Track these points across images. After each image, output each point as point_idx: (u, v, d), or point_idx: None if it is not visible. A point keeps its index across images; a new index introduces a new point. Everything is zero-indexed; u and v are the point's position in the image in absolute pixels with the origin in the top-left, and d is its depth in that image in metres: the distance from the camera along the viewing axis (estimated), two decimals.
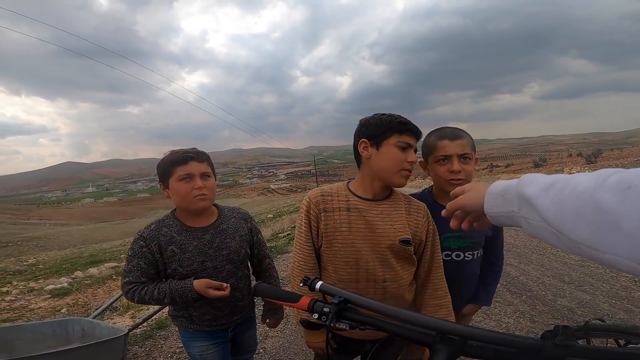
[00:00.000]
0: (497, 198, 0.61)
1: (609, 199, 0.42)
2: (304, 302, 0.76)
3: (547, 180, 0.54)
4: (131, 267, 1.33)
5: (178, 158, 1.34)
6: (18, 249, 22.32)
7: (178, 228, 1.37)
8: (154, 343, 3.19)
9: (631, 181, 0.41)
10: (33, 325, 1.67)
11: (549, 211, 0.50)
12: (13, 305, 4.88)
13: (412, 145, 1.20)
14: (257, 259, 1.58)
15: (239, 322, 1.51)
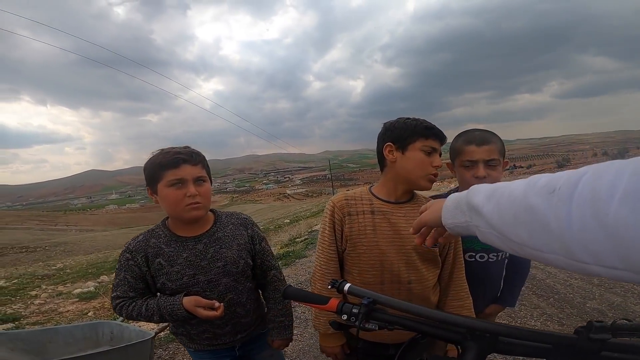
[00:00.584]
0: (451, 210, 0.65)
1: (537, 202, 0.45)
2: (333, 303, 0.77)
3: (490, 188, 0.57)
4: (118, 281, 1.21)
5: (168, 160, 1.15)
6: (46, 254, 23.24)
7: (167, 238, 1.22)
8: (177, 346, 3.24)
9: (555, 185, 0.44)
10: (65, 329, 1.72)
11: (493, 218, 0.53)
12: (42, 308, 5.06)
13: (437, 149, 1.21)
14: (261, 270, 1.37)
15: (247, 340, 1.35)
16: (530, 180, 0.50)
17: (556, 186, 0.44)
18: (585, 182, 0.40)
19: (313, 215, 21.30)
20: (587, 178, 0.41)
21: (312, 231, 11.28)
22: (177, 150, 1.20)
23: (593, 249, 0.38)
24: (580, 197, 0.40)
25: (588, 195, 0.39)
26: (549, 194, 0.44)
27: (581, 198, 0.40)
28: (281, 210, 43.55)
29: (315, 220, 15.58)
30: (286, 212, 34.46)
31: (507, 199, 0.51)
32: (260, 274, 1.38)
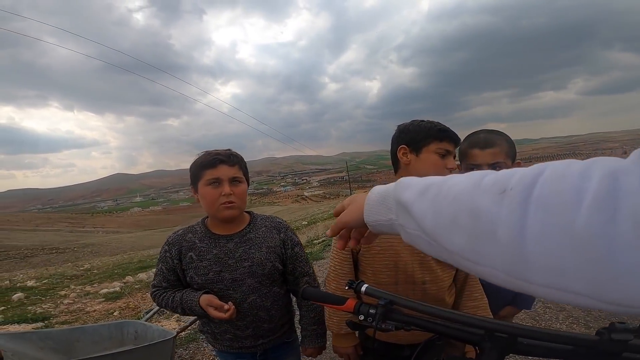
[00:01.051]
0: (375, 205, 0.57)
1: (483, 204, 0.38)
2: (350, 304, 0.78)
3: (424, 182, 0.49)
4: (157, 271, 1.31)
5: (207, 161, 1.23)
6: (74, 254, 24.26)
7: (202, 234, 1.28)
8: (197, 346, 3.31)
9: (505, 184, 0.37)
10: (93, 328, 1.79)
11: (425, 218, 0.46)
12: (71, 308, 5.26)
13: (451, 152, 1.21)
14: (293, 276, 1.35)
15: (268, 347, 1.33)
16: (473, 176, 0.43)
17: (507, 186, 0.37)
18: (544, 182, 0.34)
19: (330, 217, 21.27)
20: (546, 178, 0.35)
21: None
22: (217, 151, 1.27)
23: (553, 264, 0.32)
24: (539, 201, 0.34)
25: (549, 199, 0.33)
26: (498, 194, 0.37)
27: (540, 201, 0.34)
28: (299, 212, 43.74)
29: (333, 222, 15.51)
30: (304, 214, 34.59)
31: (444, 198, 0.44)
32: (293, 280, 1.36)
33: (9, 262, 21.99)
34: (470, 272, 0.42)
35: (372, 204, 0.58)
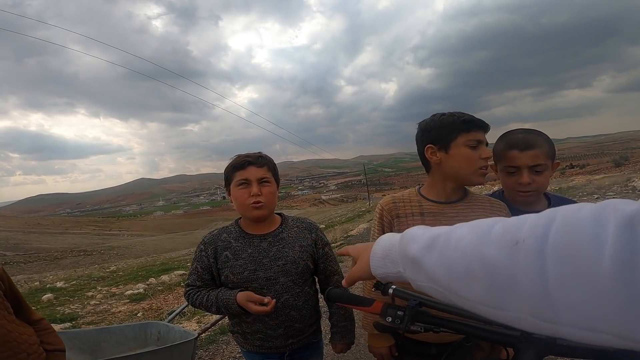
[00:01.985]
0: (380, 260, 0.59)
1: (497, 256, 0.40)
2: (377, 306, 0.77)
3: (429, 235, 0.51)
4: (191, 271, 1.35)
5: (238, 163, 1.29)
6: (101, 257, 25.18)
7: (236, 234, 1.33)
8: (216, 347, 3.35)
9: (516, 235, 0.39)
10: (118, 328, 1.84)
11: (437, 272, 0.47)
12: (97, 309, 5.44)
13: (482, 141, 1.15)
14: (324, 275, 1.39)
15: (297, 347, 1.34)
16: (479, 227, 0.45)
17: (519, 237, 0.38)
18: (557, 233, 0.35)
19: (348, 220, 21.19)
20: (557, 228, 0.36)
21: (348, 236, 11.22)
22: (248, 154, 1.33)
23: (581, 311, 0.33)
24: (557, 253, 0.35)
25: (566, 251, 0.34)
26: (511, 246, 0.39)
27: (558, 253, 0.34)
28: (317, 216, 43.73)
29: (351, 225, 15.48)
30: (322, 217, 34.54)
31: (453, 251, 0.45)
32: (323, 279, 1.41)
33: (40, 264, 23.05)
34: (499, 319, 0.42)
35: (378, 258, 0.60)
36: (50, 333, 1.26)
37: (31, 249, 31.29)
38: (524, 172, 1.22)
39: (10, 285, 1.20)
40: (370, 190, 65.66)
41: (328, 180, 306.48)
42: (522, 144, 1.23)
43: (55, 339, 1.26)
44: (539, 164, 1.22)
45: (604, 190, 10.70)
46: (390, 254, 0.58)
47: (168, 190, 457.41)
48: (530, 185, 1.21)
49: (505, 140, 1.29)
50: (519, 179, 1.23)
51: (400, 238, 0.56)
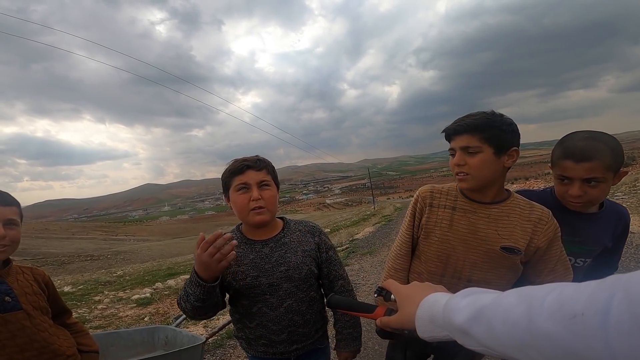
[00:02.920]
0: (427, 325, 0.60)
1: (554, 329, 0.39)
2: (380, 312, 0.75)
3: (473, 308, 0.51)
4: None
5: (236, 167, 1.24)
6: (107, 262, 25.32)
7: (238, 240, 1.28)
8: (223, 352, 3.33)
9: (573, 309, 0.38)
10: (127, 332, 1.83)
11: (488, 340, 0.48)
12: (104, 313, 5.45)
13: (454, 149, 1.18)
14: (328, 279, 1.35)
15: (302, 353, 1.31)
16: (526, 298, 0.44)
17: (576, 311, 0.37)
18: (620, 307, 0.34)
19: (354, 224, 21.10)
20: (620, 303, 0.34)
21: (354, 240, 11.16)
22: (245, 158, 1.29)
23: None
24: (620, 326, 0.34)
25: (633, 326, 0.33)
26: (568, 319, 0.38)
27: (621, 327, 0.33)
28: (321, 220, 43.66)
29: (357, 229, 15.41)
30: (326, 221, 34.50)
31: (503, 324, 0.45)
32: (328, 284, 1.36)
33: (47, 268, 23.24)
34: None
35: (423, 323, 0.61)
36: (85, 335, 1.36)
37: (39, 253, 31.61)
38: (575, 184, 1.15)
39: (54, 290, 1.28)
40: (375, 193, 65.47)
41: (332, 184, 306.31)
42: (579, 154, 1.12)
43: (90, 341, 1.35)
44: (595, 177, 1.11)
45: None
46: (435, 320, 0.58)
47: (173, 196, 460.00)
48: (581, 198, 1.15)
49: (563, 147, 1.19)
50: (569, 190, 1.17)
51: (444, 307, 0.56)
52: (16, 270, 1.21)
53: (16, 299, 1.15)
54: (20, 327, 1.12)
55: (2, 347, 1.09)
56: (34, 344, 1.14)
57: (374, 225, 14.75)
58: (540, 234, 1.13)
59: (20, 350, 1.11)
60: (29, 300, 1.18)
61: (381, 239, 9.88)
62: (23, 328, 1.13)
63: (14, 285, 1.16)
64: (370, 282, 5.30)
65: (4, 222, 1.12)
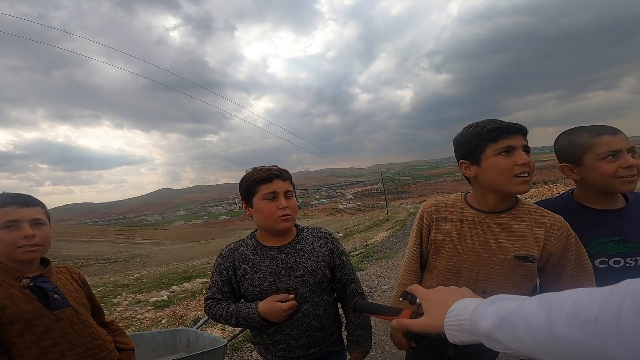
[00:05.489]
0: (455, 330, 0.63)
1: (573, 334, 0.43)
2: (406, 315, 0.76)
3: (497, 315, 0.54)
4: (210, 284, 1.36)
5: (262, 176, 1.29)
6: (125, 264, 25.87)
7: (253, 247, 1.34)
8: (242, 355, 3.35)
9: (588, 314, 0.42)
10: (150, 334, 1.87)
11: (514, 345, 0.51)
12: (123, 315, 5.57)
13: (515, 146, 1.07)
14: (341, 283, 1.40)
15: (320, 356, 1.34)
16: (546, 305, 0.48)
17: (590, 317, 0.42)
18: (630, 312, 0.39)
19: (367, 229, 20.97)
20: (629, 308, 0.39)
21: (368, 245, 11.09)
22: (269, 167, 1.34)
23: None
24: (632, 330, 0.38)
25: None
26: (584, 324, 0.42)
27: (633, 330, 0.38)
28: (334, 225, 43.53)
29: (370, 234, 15.30)
30: (339, 226, 34.37)
31: (525, 330, 0.49)
32: (340, 288, 1.41)
33: None
34: None
35: (452, 329, 0.64)
36: (121, 334, 1.44)
37: (59, 256, 32.55)
38: (626, 155, 1.14)
39: (89, 289, 1.36)
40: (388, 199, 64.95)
41: (345, 189, 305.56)
42: (610, 129, 1.16)
43: (126, 339, 1.42)
44: (633, 147, 1.16)
45: None
46: (462, 326, 0.61)
47: (188, 200, 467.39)
48: (633, 169, 1.14)
49: (586, 131, 1.21)
50: (624, 162, 1.14)
51: (470, 315, 0.60)
52: (56, 270, 1.27)
53: (63, 296, 1.21)
54: (69, 323, 1.18)
55: (54, 345, 1.14)
56: (82, 339, 1.20)
57: (387, 231, 14.63)
58: (554, 239, 1.11)
59: (71, 346, 1.17)
60: (73, 297, 1.24)
61: (395, 244, 9.79)
62: (72, 325, 1.19)
63: (57, 284, 1.22)
64: (385, 287, 5.27)
65: (30, 222, 1.16)
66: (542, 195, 19.49)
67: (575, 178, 1.27)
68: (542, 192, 20.91)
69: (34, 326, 1.11)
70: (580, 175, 1.25)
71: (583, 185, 1.28)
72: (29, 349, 1.11)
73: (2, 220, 1.13)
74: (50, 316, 1.14)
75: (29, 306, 1.12)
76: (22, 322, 1.10)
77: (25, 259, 1.16)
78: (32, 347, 1.11)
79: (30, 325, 1.11)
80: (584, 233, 1.19)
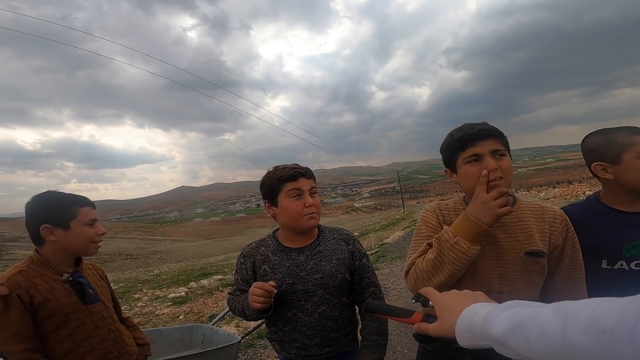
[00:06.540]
0: (466, 334, 0.62)
1: (587, 343, 0.42)
2: (417, 317, 0.75)
3: (511, 320, 0.54)
4: (234, 280, 1.40)
5: (287, 174, 1.27)
6: (145, 261, 26.65)
7: (274, 248, 1.33)
8: (254, 351, 3.40)
9: (604, 324, 0.41)
10: (168, 330, 1.92)
11: (524, 351, 0.51)
12: (143, 310, 5.73)
13: (480, 154, 1.05)
14: (360, 286, 1.37)
15: (333, 355, 1.34)
16: (562, 313, 0.47)
17: (607, 326, 0.41)
18: None
19: (383, 228, 20.81)
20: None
21: (383, 244, 11.00)
22: (293, 165, 1.33)
23: None
24: None
25: None
26: (599, 334, 0.41)
27: None
28: (349, 224, 43.39)
29: (386, 233, 15.18)
30: (355, 225, 34.25)
31: (539, 337, 0.48)
32: (359, 290, 1.38)
33: None
34: None
35: (463, 333, 0.63)
36: (137, 329, 1.51)
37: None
38: None
39: (110, 285, 1.43)
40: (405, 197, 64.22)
41: (361, 188, 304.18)
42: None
43: (142, 335, 1.50)
44: None
45: None
46: (474, 330, 0.61)
47: (206, 198, 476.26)
48: None
49: (622, 130, 1.21)
50: None
51: (483, 320, 0.59)
52: (86, 266, 1.35)
53: (95, 291, 1.28)
54: (100, 317, 1.25)
55: (87, 338, 1.20)
56: (111, 334, 1.27)
57: (403, 230, 14.48)
58: (557, 233, 1.12)
59: (101, 340, 1.23)
60: (102, 292, 1.32)
61: None
62: (103, 319, 1.26)
63: (89, 279, 1.29)
64: (400, 287, 5.21)
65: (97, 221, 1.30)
66: (567, 195, 18.80)
67: (608, 178, 1.23)
68: (566, 192, 20.18)
69: (70, 320, 1.17)
70: (615, 174, 1.21)
71: (615, 186, 1.24)
72: (62, 343, 1.16)
73: (87, 217, 1.25)
74: (85, 310, 1.21)
75: (68, 300, 1.18)
76: (60, 316, 1.16)
77: (93, 253, 1.29)
78: (65, 341, 1.16)
79: (67, 319, 1.17)
80: (618, 237, 1.18)
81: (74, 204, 1.25)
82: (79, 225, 1.22)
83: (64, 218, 1.21)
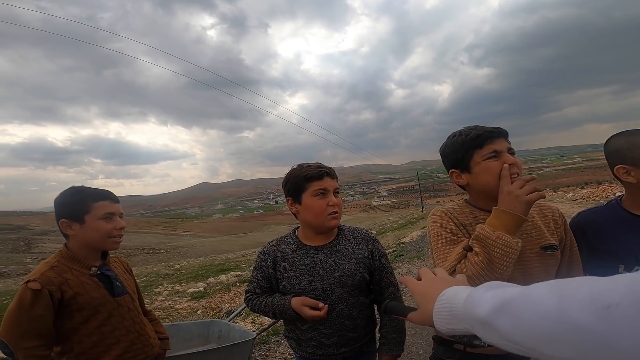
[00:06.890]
0: (445, 318, 0.59)
1: (587, 320, 0.39)
2: None
3: (497, 299, 0.50)
4: (252, 278, 1.41)
5: (313, 173, 1.29)
6: (167, 255, 27.44)
7: (294, 245, 1.35)
8: (268, 348, 3.44)
9: (607, 299, 0.38)
10: (186, 325, 1.97)
11: (513, 334, 0.46)
12: (163, 305, 5.89)
13: (500, 151, 1.07)
14: (379, 286, 1.37)
15: (350, 355, 1.34)
16: (558, 290, 0.44)
17: (610, 301, 0.38)
18: None
19: (400, 227, 20.57)
20: None
21: (401, 243, 10.88)
22: (318, 164, 1.35)
23: None
24: None
25: None
26: (602, 309, 0.38)
27: None
28: (367, 222, 43.14)
29: (404, 232, 15.00)
30: (372, 223, 34.02)
31: (531, 315, 0.44)
32: (378, 290, 1.39)
33: None
34: None
35: (441, 315, 0.60)
36: (158, 323, 1.54)
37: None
38: None
39: (135, 278, 1.46)
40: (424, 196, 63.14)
41: (379, 186, 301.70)
42: None
43: (163, 328, 1.53)
44: None
45: None
46: (454, 311, 0.57)
47: (226, 195, 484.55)
48: None
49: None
50: None
51: (465, 299, 0.55)
52: (112, 259, 1.38)
53: (123, 284, 1.31)
54: (127, 310, 1.28)
55: (113, 330, 1.23)
56: (136, 326, 1.30)
57: (422, 229, 14.25)
58: (560, 226, 1.18)
59: (126, 332, 1.26)
60: (128, 285, 1.35)
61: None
62: (129, 311, 1.29)
63: (116, 272, 1.32)
64: None
65: (120, 215, 1.32)
66: (596, 196, 17.95)
67: (631, 181, 1.18)
68: (595, 193, 19.25)
69: (99, 312, 1.21)
70: (638, 178, 1.16)
71: (638, 190, 1.20)
72: (90, 335, 1.20)
73: (102, 212, 1.25)
74: (113, 302, 1.24)
75: (97, 293, 1.22)
76: (90, 309, 1.19)
77: (112, 248, 1.31)
78: (93, 333, 1.20)
79: (97, 311, 1.21)
80: (636, 242, 1.14)
81: (90, 199, 1.25)
82: (93, 220, 1.23)
83: (80, 212, 1.23)
